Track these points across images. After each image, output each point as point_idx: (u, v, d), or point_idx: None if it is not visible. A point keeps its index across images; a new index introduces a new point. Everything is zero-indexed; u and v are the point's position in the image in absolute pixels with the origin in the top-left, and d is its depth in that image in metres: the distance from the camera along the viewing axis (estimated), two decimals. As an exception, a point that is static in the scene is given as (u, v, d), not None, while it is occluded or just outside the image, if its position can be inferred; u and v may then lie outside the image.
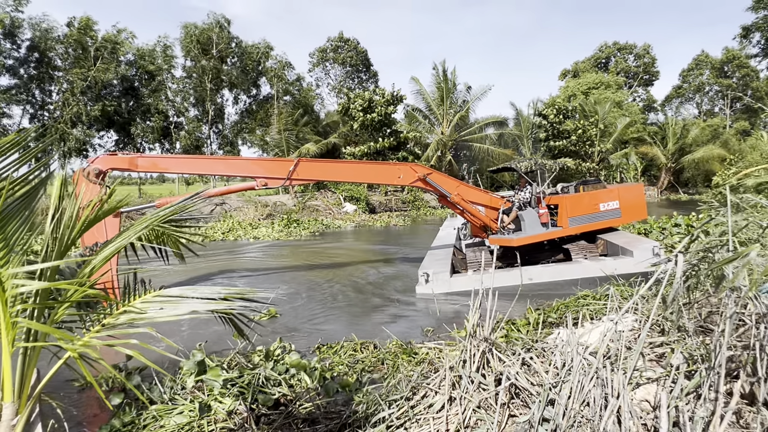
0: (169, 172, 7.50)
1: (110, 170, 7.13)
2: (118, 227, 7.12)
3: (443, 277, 7.66)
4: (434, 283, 7.60)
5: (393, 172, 8.25)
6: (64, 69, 26.02)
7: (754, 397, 2.22)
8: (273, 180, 7.64)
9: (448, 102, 30.57)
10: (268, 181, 7.62)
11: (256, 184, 7.57)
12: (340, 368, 4.17)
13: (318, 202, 25.88)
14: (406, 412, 2.73)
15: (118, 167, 7.13)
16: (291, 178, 7.55)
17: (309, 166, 7.80)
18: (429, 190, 8.59)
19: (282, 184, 7.73)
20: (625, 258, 7.94)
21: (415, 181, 8.19)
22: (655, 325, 3.29)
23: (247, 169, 7.74)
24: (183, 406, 3.21)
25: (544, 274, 7.87)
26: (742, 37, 36.61)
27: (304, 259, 12.03)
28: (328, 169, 8.16)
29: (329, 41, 38.27)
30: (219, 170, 7.89)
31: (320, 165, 8.19)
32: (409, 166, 8.32)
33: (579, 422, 2.28)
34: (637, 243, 8.33)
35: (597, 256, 8.67)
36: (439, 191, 8.26)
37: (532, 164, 8.85)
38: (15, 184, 1.93)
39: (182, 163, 7.90)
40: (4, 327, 1.81)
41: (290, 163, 7.61)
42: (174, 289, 2.14)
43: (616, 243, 8.59)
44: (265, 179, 7.57)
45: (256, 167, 7.70)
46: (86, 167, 6.99)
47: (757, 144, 18.22)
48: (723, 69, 44.82)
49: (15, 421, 1.81)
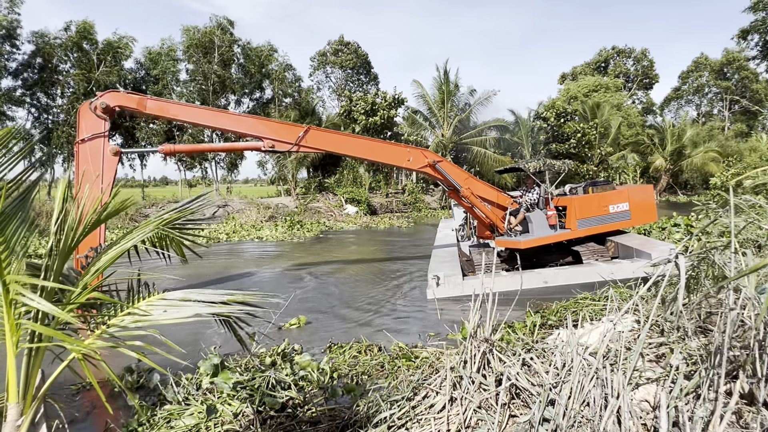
0: (177, 119, 7.39)
1: (117, 107, 7.02)
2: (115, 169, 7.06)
3: (455, 280, 7.42)
4: (446, 286, 7.36)
5: (402, 154, 8.12)
6: (65, 72, 26.14)
7: (753, 398, 2.22)
8: (280, 143, 7.45)
9: (449, 104, 30.64)
10: (276, 144, 7.43)
11: (263, 145, 7.40)
12: (345, 369, 4.20)
13: (319, 204, 25.92)
14: (408, 412, 2.74)
15: (126, 105, 7.02)
16: (299, 144, 7.44)
17: (318, 135, 7.68)
18: (437, 179, 8.43)
19: (289, 149, 7.53)
20: (642, 260, 7.63)
21: (424, 167, 8.05)
22: (655, 325, 3.30)
23: (255, 128, 7.52)
24: (193, 408, 3.25)
25: (558, 277, 7.62)
26: (740, 38, 36.69)
27: (311, 259, 12.10)
28: (337, 141, 7.98)
29: (329, 44, 38.41)
30: (226, 125, 7.61)
31: (330, 135, 7.98)
32: (419, 150, 8.20)
33: (579, 422, 2.29)
34: (652, 245, 8.06)
35: (608, 259, 8.46)
36: (448, 181, 8.08)
37: (541, 164, 8.62)
38: (13, 184, 1.95)
39: (191, 111, 7.63)
40: (8, 329, 1.83)
41: (300, 129, 7.52)
42: (177, 292, 2.16)
43: (630, 245, 8.32)
44: (273, 141, 7.40)
45: (265, 128, 7.52)
46: (93, 100, 6.88)
47: (756, 146, 18.27)
48: (722, 71, 44.94)
49: (20, 422, 1.82)
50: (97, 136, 6.85)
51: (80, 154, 6.85)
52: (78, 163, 6.87)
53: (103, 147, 6.90)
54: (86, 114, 6.86)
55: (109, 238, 16.07)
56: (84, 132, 6.82)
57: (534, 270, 7.89)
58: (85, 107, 6.91)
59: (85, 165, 6.76)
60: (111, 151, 6.97)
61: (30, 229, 1.98)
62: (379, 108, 26.57)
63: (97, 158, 6.85)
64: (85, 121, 6.87)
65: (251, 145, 7.69)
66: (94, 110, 6.81)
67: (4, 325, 1.81)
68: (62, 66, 26.32)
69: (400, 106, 28.05)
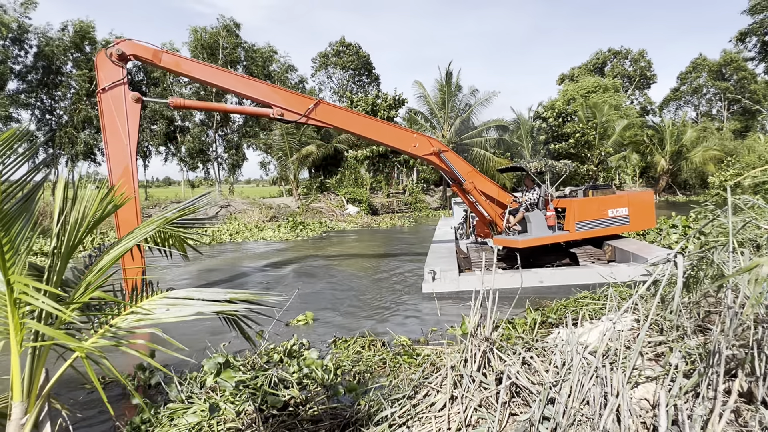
0: (189, 75, 7.26)
1: (132, 56, 7.07)
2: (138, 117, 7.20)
3: (451, 275, 7.47)
4: (442, 281, 7.42)
5: (409, 139, 8.14)
6: (68, 74, 26.19)
7: (752, 396, 2.23)
8: (290, 113, 7.46)
9: (450, 105, 30.67)
10: (285, 113, 7.44)
11: (272, 112, 7.41)
12: (348, 366, 4.23)
13: (321, 204, 25.97)
14: (409, 410, 2.75)
15: (141, 55, 7.07)
16: (308, 116, 7.46)
17: (328, 110, 7.71)
18: (441, 169, 8.44)
19: (297, 120, 7.52)
20: (638, 265, 7.66)
21: (429, 154, 8.06)
22: (654, 324, 3.32)
23: (266, 95, 7.51)
24: (196, 406, 3.26)
25: (555, 277, 7.69)
26: (738, 40, 36.72)
27: (316, 257, 12.18)
28: (346, 118, 7.94)
29: (331, 46, 38.49)
30: (239, 87, 7.54)
31: (339, 111, 7.98)
32: (426, 137, 8.19)
33: (579, 420, 2.30)
34: (649, 250, 8.10)
35: (605, 262, 8.49)
36: (451, 172, 8.10)
37: (542, 165, 8.61)
38: (17, 185, 1.97)
39: (204, 69, 7.50)
40: (12, 328, 1.85)
41: (310, 101, 7.56)
42: (180, 291, 2.17)
43: (627, 250, 8.39)
44: (282, 110, 7.42)
45: (276, 95, 7.53)
46: (110, 48, 6.95)
47: (754, 145, 18.29)
48: (721, 72, 45.01)
49: (24, 420, 1.84)
50: (117, 84, 6.95)
51: (103, 105, 6.96)
52: (102, 114, 6.98)
53: (124, 95, 7.01)
54: (103, 62, 6.92)
55: (112, 237, 16.11)
56: (104, 81, 6.93)
57: (531, 269, 7.93)
58: (101, 55, 6.96)
59: (109, 115, 6.91)
60: (132, 98, 7.07)
61: (34, 229, 1.99)
62: (379, 109, 26.59)
63: (120, 106, 6.97)
64: (103, 70, 6.94)
65: (261, 111, 7.69)
66: (110, 57, 6.87)
67: (8, 324, 1.83)
68: (64, 68, 26.35)
69: (401, 107, 28.07)
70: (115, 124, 6.93)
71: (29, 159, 2.01)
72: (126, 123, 6.98)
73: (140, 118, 7.36)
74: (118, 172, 7.00)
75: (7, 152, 1.88)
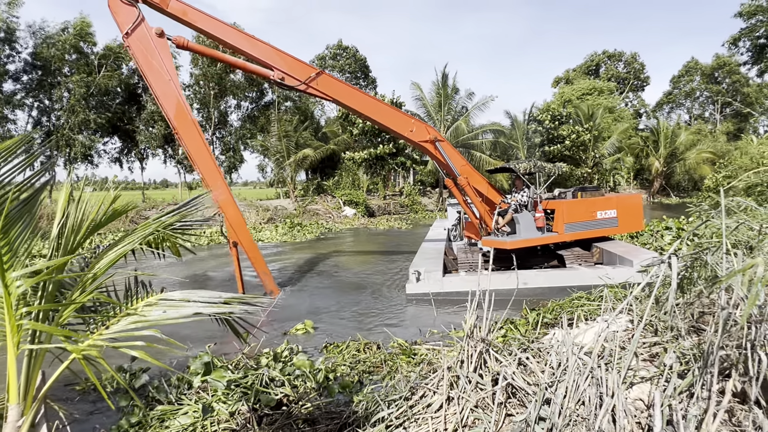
0: (195, 25, 7.18)
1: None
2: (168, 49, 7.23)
3: (435, 276, 7.51)
4: (426, 282, 7.44)
5: (407, 123, 8.11)
6: (64, 75, 26.02)
7: (746, 396, 2.26)
8: (290, 78, 7.43)
9: (446, 108, 30.78)
10: (285, 77, 7.41)
11: (273, 75, 7.38)
12: (342, 369, 4.22)
13: (318, 206, 25.96)
14: (405, 411, 2.76)
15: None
16: (308, 84, 7.42)
17: (329, 82, 7.67)
18: (436, 159, 8.43)
19: (296, 86, 7.47)
20: (623, 267, 7.77)
21: (425, 141, 8.06)
22: (649, 325, 3.35)
23: (268, 56, 7.46)
24: (188, 407, 3.23)
25: (538, 279, 7.75)
26: (731, 44, 37.10)
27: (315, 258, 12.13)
28: (347, 93, 7.88)
29: (328, 49, 38.52)
30: (243, 45, 7.46)
31: (340, 85, 7.92)
32: (423, 124, 8.21)
33: (574, 421, 2.32)
34: (636, 253, 8.16)
35: (592, 264, 8.55)
36: (446, 165, 8.10)
37: (531, 166, 8.65)
38: (19, 188, 1.97)
39: (210, 22, 7.42)
40: (9, 329, 1.84)
41: (312, 69, 7.53)
42: (176, 293, 2.18)
43: (614, 252, 8.43)
44: (283, 74, 7.38)
45: (279, 59, 7.48)
46: None
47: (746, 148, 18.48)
48: (713, 75, 45.44)
49: (20, 423, 1.83)
50: (137, 25, 6.94)
51: (133, 48, 6.95)
52: (137, 59, 6.97)
53: (147, 32, 7.00)
54: (116, 6, 6.88)
55: (110, 239, 16.01)
56: (124, 25, 6.91)
57: (515, 271, 7.94)
58: (113, 2, 6.90)
59: (143, 57, 6.95)
60: (156, 32, 7.07)
61: (33, 232, 1.99)
62: (376, 110, 26.63)
63: (149, 45, 6.99)
64: (119, 15, 6.92)
65: (262, 71, 7.64)
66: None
67: (5, 326, 1.82)
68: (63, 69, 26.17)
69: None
70: (150, 63, 6.94)
71: (29, 165, 2.02)
72: (160, 58, 7.00)
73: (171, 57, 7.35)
74: (171, 107, 7.12)
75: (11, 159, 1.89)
